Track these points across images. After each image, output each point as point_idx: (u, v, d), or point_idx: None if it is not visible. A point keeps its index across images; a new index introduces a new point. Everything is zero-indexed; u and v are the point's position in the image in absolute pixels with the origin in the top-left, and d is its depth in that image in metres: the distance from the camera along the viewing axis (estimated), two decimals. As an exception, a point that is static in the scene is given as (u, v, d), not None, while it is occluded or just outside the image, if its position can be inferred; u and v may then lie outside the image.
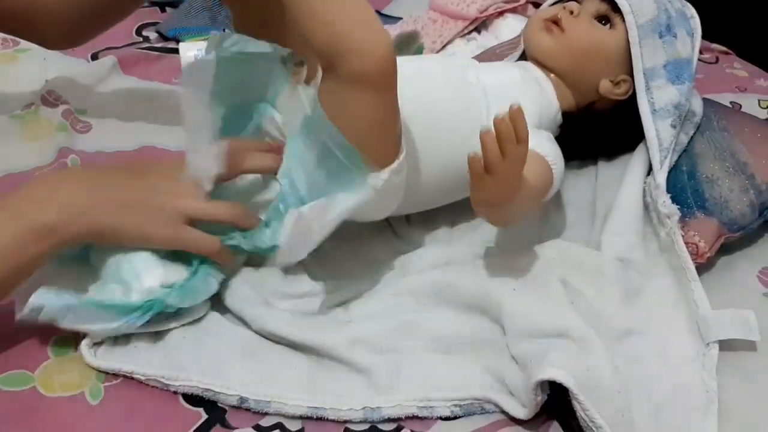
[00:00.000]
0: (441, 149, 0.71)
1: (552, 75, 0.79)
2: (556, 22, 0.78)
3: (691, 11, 0.85)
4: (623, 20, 0.78)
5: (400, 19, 1.25)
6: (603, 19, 0.79)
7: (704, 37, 0.86)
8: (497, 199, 0.63)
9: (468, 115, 0.72)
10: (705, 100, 0.86)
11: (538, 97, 0.77)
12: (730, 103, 1.03)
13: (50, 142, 0.89)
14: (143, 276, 0.64)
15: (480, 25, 1.19)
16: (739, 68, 1.16)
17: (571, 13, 0.78)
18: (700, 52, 1.16)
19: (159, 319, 0.65)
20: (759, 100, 1.06)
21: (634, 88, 0.79)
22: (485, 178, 0.60)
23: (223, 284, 0.69)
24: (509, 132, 0.58)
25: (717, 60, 1.18)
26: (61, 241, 0.61)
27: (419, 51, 1.12)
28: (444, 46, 1.16)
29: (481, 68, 0.78)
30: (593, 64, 0.78)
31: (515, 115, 0.58)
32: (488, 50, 1.03)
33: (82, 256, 0.67)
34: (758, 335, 0.67)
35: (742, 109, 1.00)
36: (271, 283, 0.71)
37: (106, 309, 0.62)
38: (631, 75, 0.78)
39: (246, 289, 0.69)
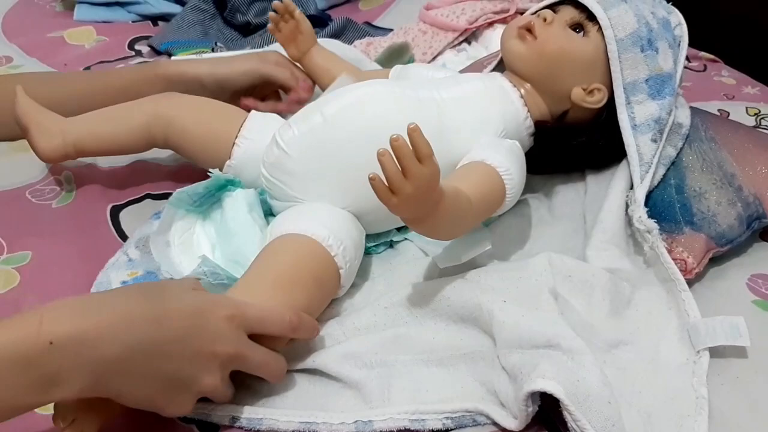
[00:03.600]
0: None
1: (527, 84, 0.79)
2: (529, 29, 0.78)
3: (678, 18, 0.85)
4: (600, 30, 0.78)
5: (391, 30, 1.26)
6: (577, 27, 0.79)
7: (692, 45, 0.86)
8: (414, 216, 0.62)
9: (425, 133, 0.70)
10: (693, 109, 0.86)
11: (502, 106, 0.78)
12: (718, 110, 1.03)
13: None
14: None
15: (470, 36, 1.20)
16: (727, 75, 1.16)
17: (545, 20, 0.78)
18: (689, 60, 1.18)
19: None
20: (747, 108, 1.06)
21: (612, 102, 0.79)
22: (392, 198, 0.58)
23: None
24: (405, 150, 0.57)
25: (705, 68, 1.18)
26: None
27: (410, 62, 1.13)
28: (434, 58, 1.17)
29: (437, 86, 0.78)
30: (564, 70, 0.78)
31: (412, 134, 0.57)
32: (477, 61, 1.04)
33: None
34: (748, 341, 0.67)
35: (730, 117, 1.01)
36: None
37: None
38: (607, 86, 0.79)
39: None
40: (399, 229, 0.81)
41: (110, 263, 0.76)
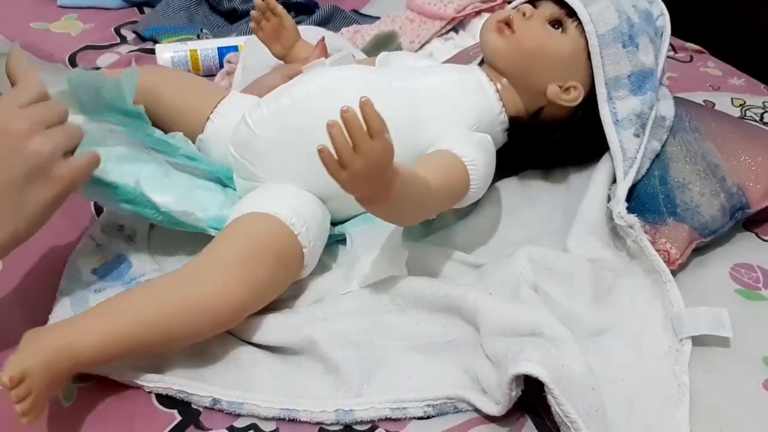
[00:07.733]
0: None
1: (504, 79, 0.79)
2: (508, 23, 0.78)
3: (660, 8, 0.84)
4: (579, 26, 0.77)
5: (378, 18, 1.25)
6: (556, 23, 0.78)
7: (678, 36, 0.86)
8: (365, 195, 0.60)
9: (396, 122, 0.64)
10: (677, 99, 0.86)
11: (476, 99, 0.77)
12: (704, 101, 1.04)
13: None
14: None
15: (457, 24, 1.20)
16: (713, 67, 1.17)
17: (524, 15, 0.78)
18: (675, 51, 1.18)
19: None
20: (732, 99, 1.07)
21: (592, 98, 0.78)
22: (341, 172, 0.57)
23: None
24: (355, 123, 0.55)
25: (691, 59, 1.19)
26: None
27: (397, 50, 1.12)
28: (422, 46, 1.16)
29: (412, 75, 0.77)
30: (540, 66, 0.77)
31: (364, 107, 0.55)
32: (464, 51, 1.04)
33: None
34: (731, 332, 0.68)
35: (716, 108, 1.01)
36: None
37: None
38: (585, 84, 0.78)
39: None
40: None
41: (77, 250, 0.76)
